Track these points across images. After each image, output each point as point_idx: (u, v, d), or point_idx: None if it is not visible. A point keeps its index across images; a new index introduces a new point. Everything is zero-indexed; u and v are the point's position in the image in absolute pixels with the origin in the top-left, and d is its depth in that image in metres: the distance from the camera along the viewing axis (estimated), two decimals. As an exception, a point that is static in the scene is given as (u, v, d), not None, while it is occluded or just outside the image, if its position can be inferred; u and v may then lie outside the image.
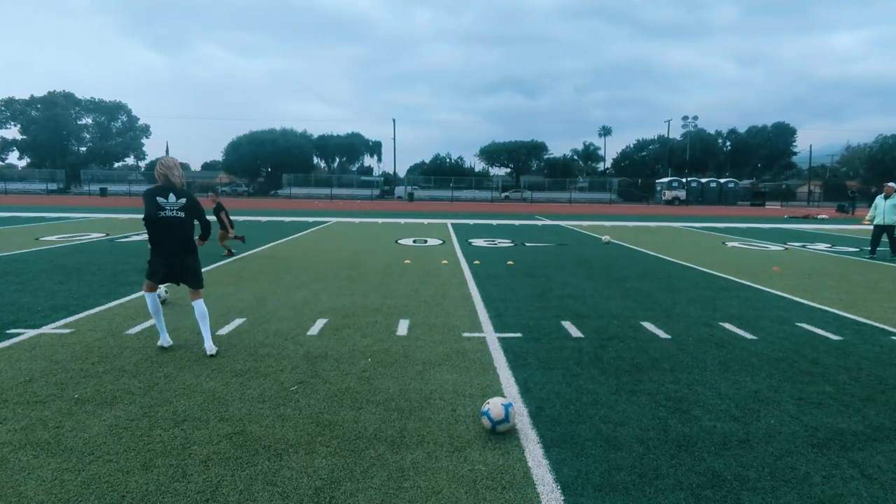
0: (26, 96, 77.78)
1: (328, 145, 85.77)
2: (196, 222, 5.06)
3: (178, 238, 4.84)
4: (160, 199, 4.76)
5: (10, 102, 76.29)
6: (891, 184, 12.64)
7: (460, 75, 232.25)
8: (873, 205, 12.99)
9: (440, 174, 77.62)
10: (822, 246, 15.84)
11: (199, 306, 5.01)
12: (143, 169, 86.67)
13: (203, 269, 5.27)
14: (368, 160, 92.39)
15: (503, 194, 69.05)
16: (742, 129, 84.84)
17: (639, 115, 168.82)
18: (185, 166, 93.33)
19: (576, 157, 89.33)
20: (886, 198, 12.58)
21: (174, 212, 4.79)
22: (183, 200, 4.86)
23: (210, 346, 4.90)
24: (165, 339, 5.06)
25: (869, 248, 13.20)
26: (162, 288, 6.24)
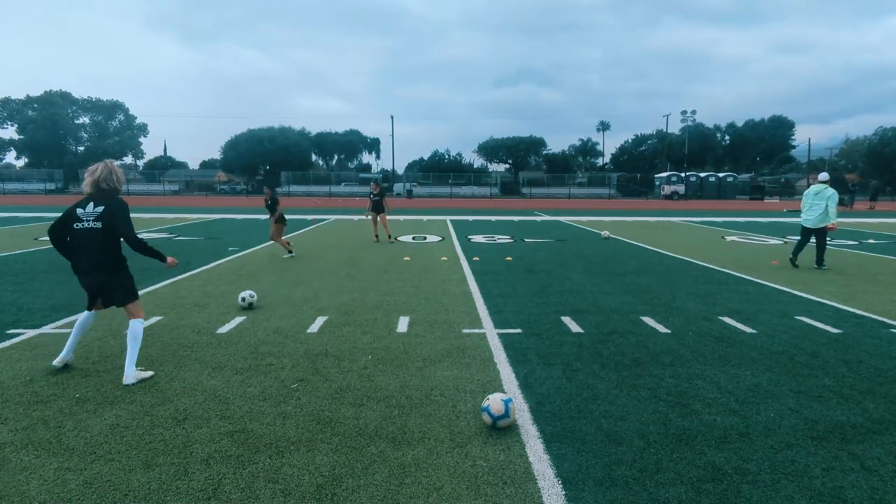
0: (22, 96, 77.69)
1: (326, 143, 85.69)
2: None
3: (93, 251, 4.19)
4: (78, 210, 4.24)
5: (6, 102, 76.13)
6: None
7: (459, 74, 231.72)
8: None
9: (439, 171, 77.55)
10: (821, 239, 15.83)
11: (132, 326, 4.31)
12: (141, 168, 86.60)
13: (202, 268, 5.23)
14: (367, 157, 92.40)
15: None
16: (740, 123, 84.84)
17: (637, 109, 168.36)
18: (183, 164, 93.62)
19: (573, 153, 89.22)
20: None
21: (89, 222, 4.18)
22: (101, 208, 4.20)
23: (128, 375, 4.18)
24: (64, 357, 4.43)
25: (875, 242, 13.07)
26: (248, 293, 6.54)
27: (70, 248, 4.27)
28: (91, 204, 4.22)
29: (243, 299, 6.49)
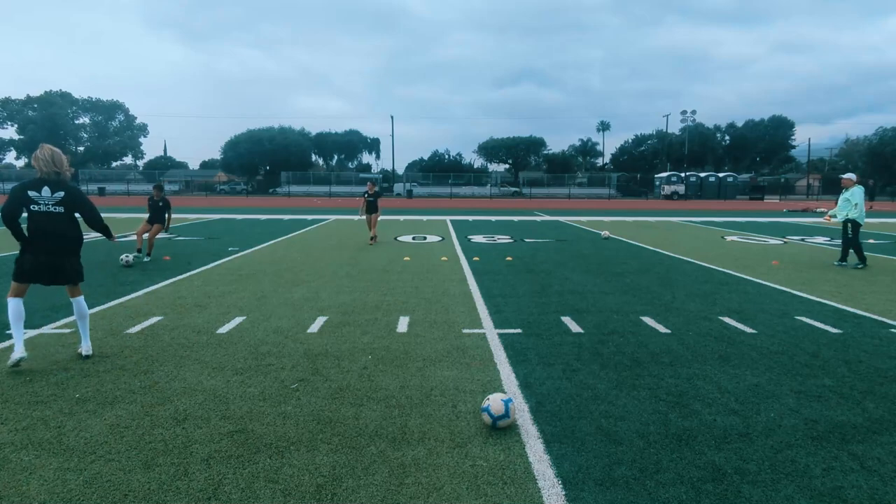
0: (22, 96, 77.71)
1: (326, 143, 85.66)
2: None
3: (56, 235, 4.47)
4: (32, 193, 4.39)
5: (6, 102, 76.14)
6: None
7: (459, 74, 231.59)
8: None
9: (439, 171, 77.54)
10: (821, 239, 15.87)
11: (80, 304, 4.75)
12: (141, 168, 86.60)
13: (202, 268, 5.24)
14: (367, 157, 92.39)
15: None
16: (740, 123, 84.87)
17: (638, 109, 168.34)
18: (183, 165, 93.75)
19: (573, 153, 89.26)
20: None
21: (49, 206, 4.43)
22: (60, 193, 4.46)
23: (87, 347, 4.70)
24: (20, 351, 4.37)
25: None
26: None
27: (27, 230, 4.43)
28: (47, 188, 4.41)
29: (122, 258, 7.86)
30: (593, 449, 3.21)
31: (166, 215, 10.82)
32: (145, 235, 10.65)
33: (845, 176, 10.57)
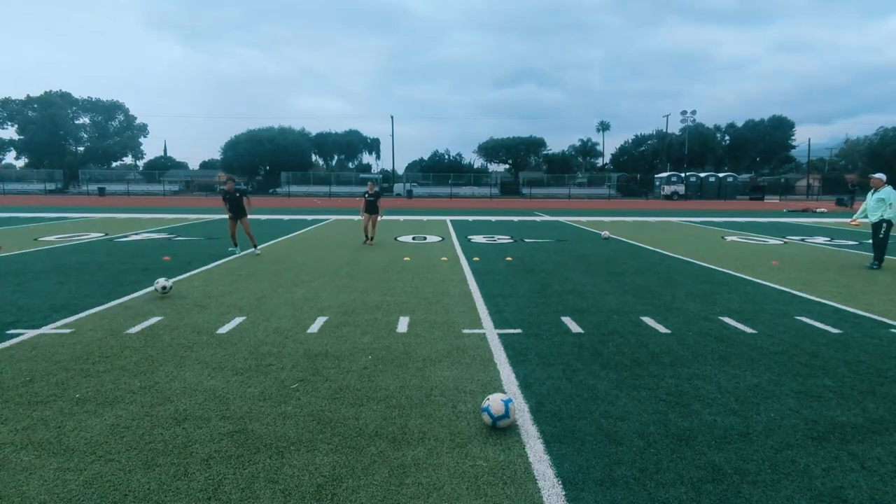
0: (22, 96, 77.71)
1: (326, 143, 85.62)
2: None
3: None
4: None
5: (6, 103, 76.10)
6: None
7: (459, 74, 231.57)
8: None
9: (439, 171, 77.54)
10: (821, 239, 15.86)
11: None
12: (141, 168, 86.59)
13: (202, 268, 5.22)
14: (367, 157, 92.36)
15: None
16: (740, 123, 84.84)
17: (638, 109, 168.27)
18: (183, 165, 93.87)
19: (573, 153, 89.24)
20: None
21: None
22: None
23: None
24: None
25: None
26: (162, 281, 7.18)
27: None
28: None
29: (164, 288, 7.16)
30: (593, 449, 3.21)
31: (245, 202, 11.46)
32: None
33: (875, 176, 10.39)
